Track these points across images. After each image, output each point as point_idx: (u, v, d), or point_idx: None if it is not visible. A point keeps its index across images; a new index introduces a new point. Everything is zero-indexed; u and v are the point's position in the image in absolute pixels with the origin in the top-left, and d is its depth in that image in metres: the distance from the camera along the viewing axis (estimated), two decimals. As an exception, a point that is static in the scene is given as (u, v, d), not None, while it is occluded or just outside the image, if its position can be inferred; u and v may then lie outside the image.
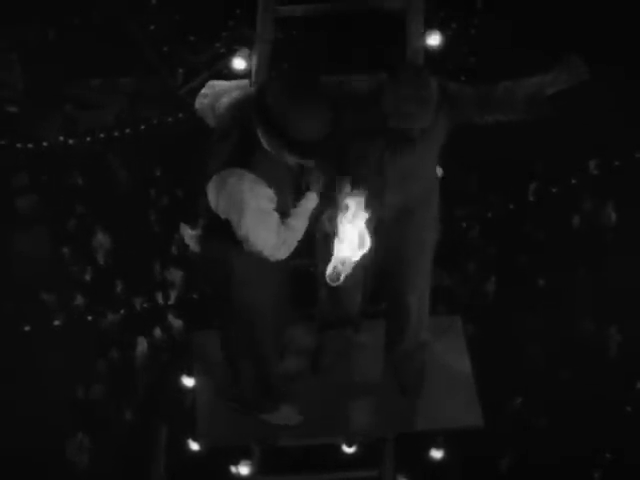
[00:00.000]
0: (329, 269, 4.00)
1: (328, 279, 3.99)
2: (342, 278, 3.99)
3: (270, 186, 3.95)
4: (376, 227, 4.29)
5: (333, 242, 4.02)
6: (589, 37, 13.50)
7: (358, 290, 4.92)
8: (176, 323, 11.08)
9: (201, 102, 4.42)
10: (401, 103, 4.15)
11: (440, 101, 4.24)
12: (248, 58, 4.56)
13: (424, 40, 4.49)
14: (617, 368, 10.69)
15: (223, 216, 4.03)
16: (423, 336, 5.00)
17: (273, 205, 3.99)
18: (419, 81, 4.20)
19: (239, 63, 4.60)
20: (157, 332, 10.98)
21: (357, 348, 5.18)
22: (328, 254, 4.07)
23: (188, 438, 6.58)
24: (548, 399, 10.24)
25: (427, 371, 5.11)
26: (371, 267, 4.74)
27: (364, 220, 4.00)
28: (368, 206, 4.04)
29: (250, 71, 4.57)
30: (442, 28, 4.51)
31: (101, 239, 11.95)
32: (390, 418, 5.06)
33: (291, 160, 3.99)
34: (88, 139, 13.52)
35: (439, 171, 4.77)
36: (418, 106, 4.16)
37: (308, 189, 4.18)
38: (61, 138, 13.47)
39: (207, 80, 4.59)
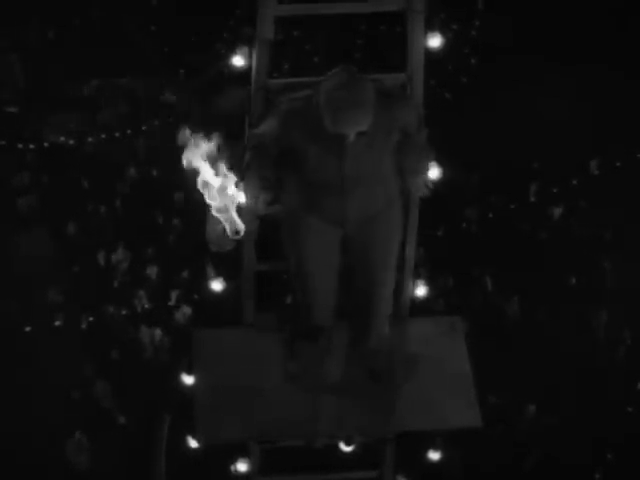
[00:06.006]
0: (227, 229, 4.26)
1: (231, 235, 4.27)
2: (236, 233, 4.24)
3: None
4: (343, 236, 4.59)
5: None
6: (589, 38, 13.54)
7: (331, 301, 4.92)
8: (179, 319, 11.11)
9: None
10: (335, 107, 4.15)
11: (377, 104, 4.24)
12: (248, 56, 4.58)
13: (425, 41, 4.49)
14: (618, 369, 10.70)
15: None
16: (386, 330, 5.03)
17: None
18: (353, 84, 4.18)
19: (238, 60, 4.62)
20: (158, 332, 11.00)
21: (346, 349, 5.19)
22: None
23: (187, 436, 6.58)
24: (548, 400, 10.25)
25: (427, 371, 5.12)
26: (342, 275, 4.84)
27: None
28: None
29: (250, 69, 4.59)
30: (442, 29, 4.51)
31: (121, 254, 11.94)
32: (389, 418, 5.07)
33: None
34: (89, 139, 13.55)
35: (435, 172, 4.77)
36: (353, 110, 4.16)
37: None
38: (62, 138, 13.48)
39: (208, 79, 4.66)
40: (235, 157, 4.46)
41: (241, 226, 4.27)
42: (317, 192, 4.54)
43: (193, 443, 6.23)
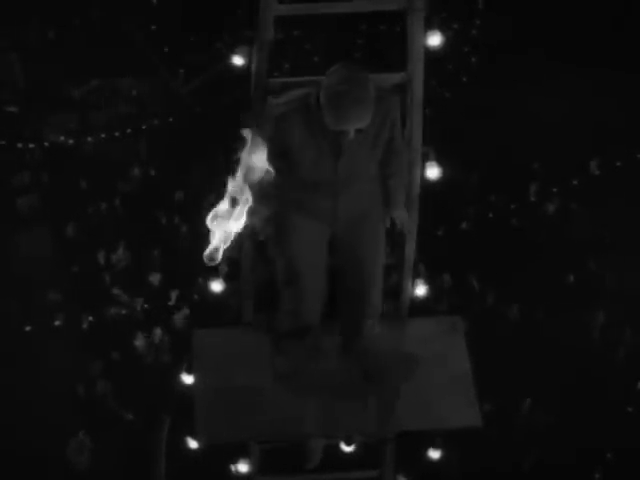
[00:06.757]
0: (208, 249, 4.00)
1: (206, 259, 3.99)
2: (220, 257, 4.01)
3: None
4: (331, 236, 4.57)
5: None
6: (589, 37, 13.54)
7: (319, 301, 4.91)
8: (177, 322, 11.11)
9: None
10: (337, 104, 4.13)
11: (376, 101, 4.23)
12: (247, 56, 4.57)
13: (425, 40, 4.49)
14: (617, 369, 10.70)
15: None
16: (377, 329, 5.02)
17: None
18: (355, 80, 4.16)
19: (238, 60, 4.62)
20: (158, 332, 10.99)
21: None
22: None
23: (187, 437, 6.57)
24: (548, 400, 10.24)
25: (427, 371, 5.11)
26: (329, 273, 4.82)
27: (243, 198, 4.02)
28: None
29: (249, 69, 4.58)
30: (443, 28, 4.50)
31: (121, 255, 11.95)
32: (389, 418, 5.06)
33: None
34: (89, 139, 13.56)
35: (436, 171, 4.77)
36: (355, 106, 4.14)
37: None
38: (62, 138, 13.49)
39: (208, 80, 4.64)
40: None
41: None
42: (309, 192, 4.53)
43: (193, 443, 6.22)
